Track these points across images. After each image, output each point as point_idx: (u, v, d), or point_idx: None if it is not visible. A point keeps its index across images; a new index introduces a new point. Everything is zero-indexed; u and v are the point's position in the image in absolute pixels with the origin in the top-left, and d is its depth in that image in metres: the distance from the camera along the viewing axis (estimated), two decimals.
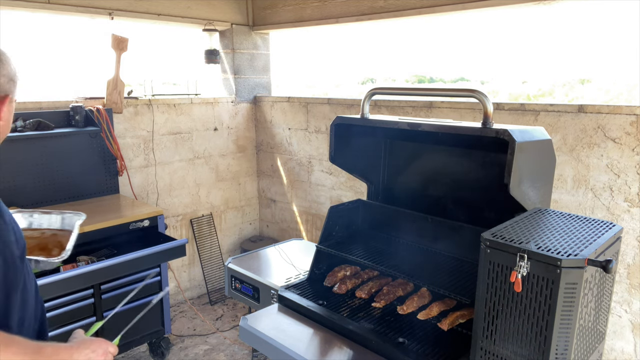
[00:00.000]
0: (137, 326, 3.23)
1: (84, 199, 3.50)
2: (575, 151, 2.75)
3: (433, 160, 2.44)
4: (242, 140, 4.74)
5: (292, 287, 2.32)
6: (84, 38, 4.12)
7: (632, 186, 2.58)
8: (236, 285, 2.59)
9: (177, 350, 3.63)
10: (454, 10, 3.21)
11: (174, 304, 4.33)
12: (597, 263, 1.40)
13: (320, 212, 4.30)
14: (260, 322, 2.11)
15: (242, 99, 4.67)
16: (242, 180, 4.80)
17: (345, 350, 1.91)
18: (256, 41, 4.72)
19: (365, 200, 2.63)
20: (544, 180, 1.95)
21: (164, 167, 4.15)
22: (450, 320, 1.91)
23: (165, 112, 4.10)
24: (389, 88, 2.86)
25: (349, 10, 3.86)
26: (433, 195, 2.44)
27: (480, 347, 1.61)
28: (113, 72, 3.66)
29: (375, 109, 3.66)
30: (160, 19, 3.94)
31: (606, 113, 2.62)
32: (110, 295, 3.06)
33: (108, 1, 3.62)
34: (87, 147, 3.51)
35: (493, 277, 1.53)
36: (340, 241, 2.46)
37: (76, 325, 2.92)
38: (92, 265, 2.75)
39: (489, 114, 1.80)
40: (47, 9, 3.35)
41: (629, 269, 2.65)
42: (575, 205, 2.79)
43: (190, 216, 4.41)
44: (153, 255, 2.96)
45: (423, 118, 2.92)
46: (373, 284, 2.26)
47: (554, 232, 1.60)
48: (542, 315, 1.44)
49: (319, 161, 4.24)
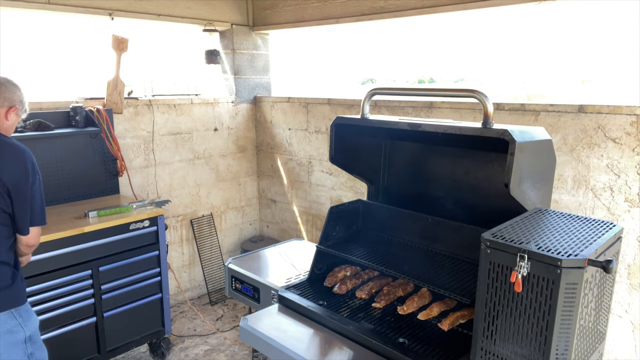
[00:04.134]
0: (138, 326, 3.25)
1: (84, 200, 3.50)
2: (576, 151, 2.74)
3: (433, 160, 2.44)
4: (242, 140, 4.74)
5: (293, 288, 2.32)
6: (84, 38, 4.12)
7: (632, 186, 2.58)
8: (236, 285, 2.59)
9: (177, 350, 3.63)
10: (454, 10, 3.21)
11: (174, 304, 4.33)
12: (598, 263, 1.40)
13: (321, 213, 4.30)
14: (261, 323, 2.11)
15: (242, 99, 4.67)
16: (242, 180, 4.80)
17: (346, 351, 1.91)
18: (256, 41, 4.72)
19: (365, 200, 2.63)
20: (544, 180, 1.95)
21: (164, 168, 4.15)
22: (450, 320, 1.91)
23: (166, 113, 4.10)
24: (389, 88, 2.86)
25: (349, 10, 3.86)
26: (433, 195, 2.44)
27: (480, 347, 1.61)
28: (113, 72, 3.66)
29: (376, 109, 3.66)
30: (160, 19, 3.94)
31: (606, 113, 2.62)
32: (110, 295, 3.07)
33: (108, 1, 3.62)
34: (87, 148, 3.51)
35: (493, 277, 1.53)
36: (341, 241, 2.46)
37: (77, 326, 2.93)
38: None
39: (489, 114, 1.80)
40: (47, 9, 3.35)
41: (629, 269, 2.65)
42: (576, 206, 2.79)
43: (191, 216, 4.41)
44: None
45: (423, 118, 2.91)
46: (373, 284, 2.26)
47: (554, 232, 1.60)
48: (543, 316, 1.44)
49: (319, 161, 4.24)
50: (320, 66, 7.01)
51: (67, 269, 2.84)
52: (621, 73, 5.79)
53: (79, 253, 2.89)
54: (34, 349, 2.11)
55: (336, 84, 7.72)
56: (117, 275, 3.09)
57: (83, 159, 3.50)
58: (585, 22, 4.14)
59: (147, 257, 3.23)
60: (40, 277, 2.73)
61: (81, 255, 2.90)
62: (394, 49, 6.49)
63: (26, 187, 1.98)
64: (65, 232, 2.80)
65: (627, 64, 5.14)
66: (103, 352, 3.09)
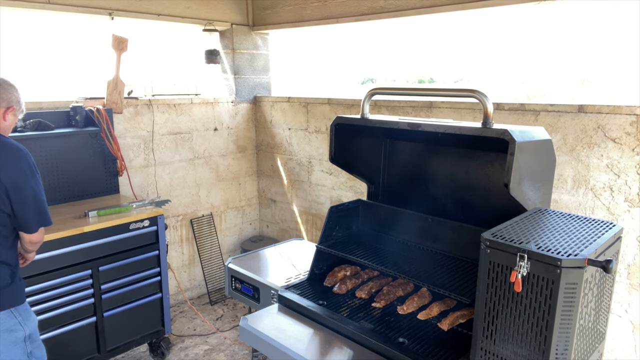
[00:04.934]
0: (138, 326, 3.25)
1: (84, 199, 3.50)
2: (575, 151, 2.74)
3: (433, 160, 2.44)
4: (242, 140, 4.74)
5: (292, 287, 2.32)
6: (84, 38, 4.12)
7: (632, 186, 2.58)
8: (236, 285, 2.59)
9: (177, 350, 3.63)
10: (454, 10, 3.21)
11: (174, 304, 4.33)
12: (597, 263, 1.40)
13: (320, 212, 4.30)
14: (261, 322, 2.11)
15: (242, 99, 4.67)
16: (242, 180, 4.80)
17: (345, 351, 1.91)
18: (256, 41, 4.72)
19: (365, 200, 2.63)
20: (544, 180, 1.95)
21: (164, 167, 4.15)
22: (450, 320, 1.91)
23: (166, 112, 4.10)
24: (389, 88, 2.86)
25: (349, 10, 3.86)
26: (433, 195, 2.44)
27: (480, 347, 1.61)
28: (113, 72, 3.66)
29: (376, 109, 3.66)
30: (160, 19, 3.94)
31: (606, 113, 2.62)
32: (110, 295, 3.07)
33: (108, 1, 3.62)
34: (87, 147, 3.51)
35: (493, 277, 1.53)
36: (341, 241, 2.46)
37: (77, 326, 2.93)
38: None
39: (489, 114, 1.80)
40: (47, 8, 3.35)
41: (629, 269, 2.65)
42: (575, 205, 2.79)
43: (191, 216, 4.41)
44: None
45: (423, 118, 2.92)
46: (373, 284, 2.26)
47: (554, 232, 1.60)
48: (542, 315, 1.44)
49: (319, 161, 4.24)
50: (320, 66, 7.01)
51: (67, 268, 2.85)
52: (621, 73, 5.79)
53: (79, 253, 2.89)
54: (33, 347, 2.12)
55: (336, 83, 7.72)
56: (117, 275, 3.09)
57: (83, 158, 3.50)
58: (585, 22, 4.14)
59: (147, 257, 3.23)
60: (40, 276, 2.73)
61: (81, 255, 2.90)
62: (394, 49, 6.49)
63: (25, 187, 1.99)
64: (65, 232, 2.80)
65: (627, 64, 5.14)
66: (103, 352, 3.09)
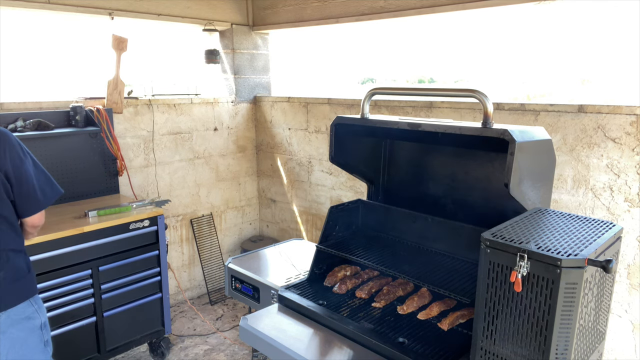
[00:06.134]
0: (138, 326, 3.25)
1: (84, 199, 3.50)
2: (575, 151, 2.74)
3: (433, 160, 2.44)
4: (242, 140, 4.74)
5: (292, 287, 2.32)
6: (84, 38, 4.12)
7: (632, 186, 2.58)
8: (236, 285, 2.59)
9: (177, 350, 3.63)
10: (454, 10, 3.21)
11: (174, 304, 4.33)
12: (597, 263, 1.40)
13: (320, 212, 4.30)
14: (261, 322, 2.11)
15: (242, 99, 4.67)
16: (242, 180, 4.80)
17: (345, 351, 1.91)
18: (256, 41, 4.72)
19: (365, 200, 2.63)
20: (544, 180, 1.95)
21: (164, 167, 4.15)
22: (450, 320, 1.91)
23: (166, 112, 4.10)
24: (389, 88, 2.86)
25: (349, 10, 3.86)
26: (433, 195, 2.44)
27: (480, 347, 1.61)
28: (113, 72, 3.66)
29: (376, 109, 3.66)
30: (160, 19, 3.94)
31: (606, 113, 2.62)
32: (110, 295, 3.07)
33: (108, 1, 3.62)
34: (87, 147, 3.51)
35: (493, 277, 1.53)
36: (340, 241, 2.46)
37: (77, 325, 2.93)
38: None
39: (489, 114, 1.80)
40: (47, 8, 3.35)
41: (629, 269, 2.65)
42: (575, 205, 2.79)
43: (190, 216, 4.41)
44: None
45: (423, 118, 2.92)
46: (373, 284, 2.26)
47: (554, 232, 1.60)
48: (542, 315, 1.44)
49: (319, 161, 4.24)
50: (320, 66, 7.01)
51: (67, 268, 2.85)
52: (621, 73, 5.79)
53: (79, 253, 2.89)
54: (48, 336, 2.10)
55: (336, 83, 7.73)
56: (117, 275, 3.09)
57: (83, 158, 3.50)
58: (585, 22, 4.14)
59: (147, 256, 3.23)
60: (40, 276, 2.72)
61: (81, 255, 2.90)
62: (394, 49, 6.50)
63: (21, 169, 1.92)
64: (65, 232, 2.80)
65: (627, 64, 5.15)
66: (103, 352, 3.09)
